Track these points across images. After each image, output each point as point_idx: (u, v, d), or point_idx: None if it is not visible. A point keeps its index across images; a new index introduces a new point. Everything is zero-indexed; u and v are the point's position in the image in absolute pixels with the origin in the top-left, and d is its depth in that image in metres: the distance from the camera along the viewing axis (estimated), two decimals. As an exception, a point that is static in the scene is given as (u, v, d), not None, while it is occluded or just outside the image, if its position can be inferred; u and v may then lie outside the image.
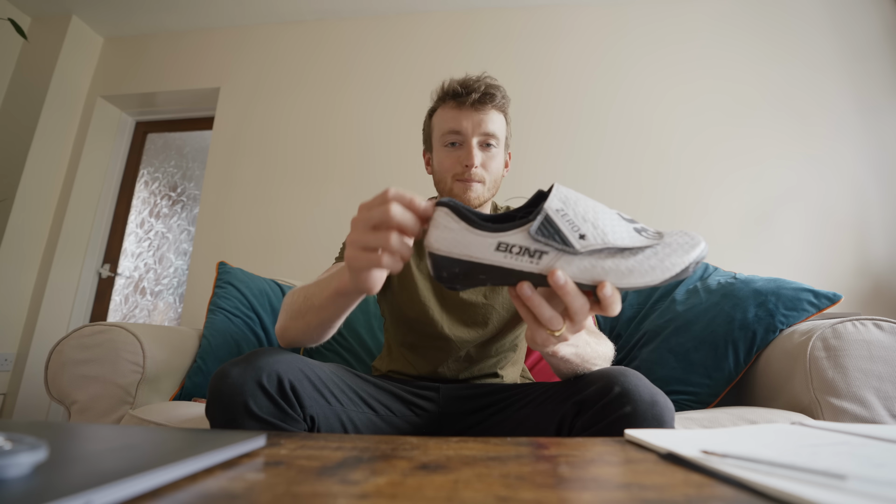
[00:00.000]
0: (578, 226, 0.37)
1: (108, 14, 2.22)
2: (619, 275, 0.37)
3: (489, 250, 0.38)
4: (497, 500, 0.23)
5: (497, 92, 0.78)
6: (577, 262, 0.37)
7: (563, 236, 0.37)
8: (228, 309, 1.31)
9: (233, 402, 0.51)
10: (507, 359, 0.83)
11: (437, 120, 0.81)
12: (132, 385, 0.99)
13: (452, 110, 0.78)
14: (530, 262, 0.38)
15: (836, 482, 0.22)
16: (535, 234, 0.37)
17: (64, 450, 0.28)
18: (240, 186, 2.04)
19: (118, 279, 2.24)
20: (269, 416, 0.52)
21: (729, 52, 1.90)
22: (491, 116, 0.77)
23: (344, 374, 0.66)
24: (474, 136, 0.77)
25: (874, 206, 1.66)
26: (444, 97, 0.80)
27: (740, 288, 1.06)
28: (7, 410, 1.88)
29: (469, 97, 0.76)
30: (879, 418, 0.79)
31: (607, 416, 0.50)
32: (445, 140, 0.78)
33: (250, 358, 0.54)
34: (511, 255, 0.38)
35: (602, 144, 1.88)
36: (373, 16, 2.17)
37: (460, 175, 0.77)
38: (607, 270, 0.37)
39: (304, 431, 0.55)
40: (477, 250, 0.38)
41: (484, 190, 0.78)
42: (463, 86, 0.77)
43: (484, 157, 0.77)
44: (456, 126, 0.77)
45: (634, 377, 0.52)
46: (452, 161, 0.78)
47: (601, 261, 0.37)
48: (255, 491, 0.24)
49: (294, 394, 0.53)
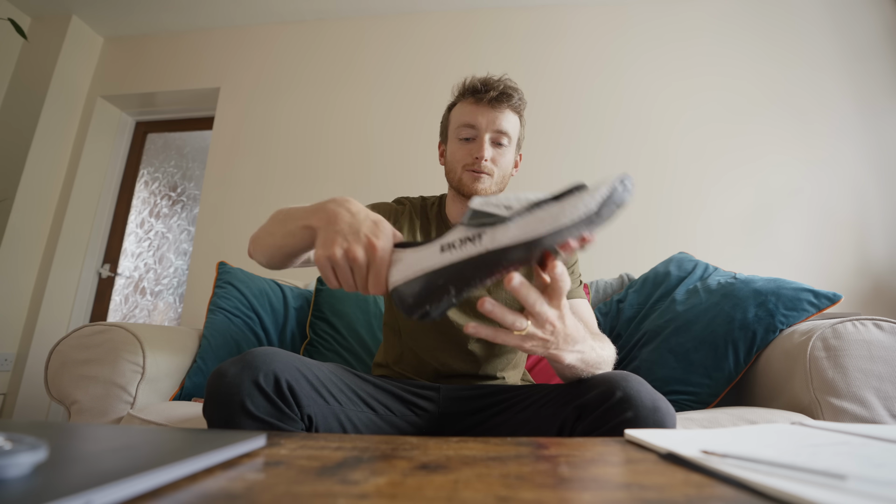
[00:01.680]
0: (502, 203, 0.42)
1: (109, 14, 2.22)
2: (553, 217, 0.39)
3: (436, 255, 0.43)
4: (497, 500, 0.23)
5: (515, 93, 0.81)
6: (512, 227, 0.40)
7: (491, 214, 0.42)
8: (228, 309, 1.31)
9: (230, 401, 0.51)
10: (510, 360, 0.83)
11: (455, 114, 0.85)
12: (132, 385, 0.99)
13: (470, 105, 0.82)
14: (472, 245, 0.42)
15: (837, 482, 0.22)
16: (467, 223, 0.42)
17: (64, 450, 0.28)
18: (240, 186, 2.04)
19: (118, 279, 2.24)
20: (267, 416, 0.52)
21: (729, 51, 1.90)
22: (506, 115, 0.81)
23: (343, 373, 0.66)
24: (487, 132, 0.80)
25: (874, 205, 1.66)
26: (464, 93, 0.83)
27: (740, 288, 1.06)
28: (7, 410, 1.88)
29: (487, 94, 0.79)
30: (879, 418, 0.79)
31: (608, 420, 0.50)
32: (460, 133, 0.82)
33: (247, 358, 0.54)
34: (455, 249, 0.42)
35: (602, 143, 1.88)
36: (373, 15, 2.17)
37: (470, 166, 0.80)
38: (542, 218, 0.40)
39: (302, 431, 0.55)
40: (427, 261, 0.43)
41: (491, 183, 0.81)
42: (483, 83, 0.81)
43: (495, 153, 0.81)
44: (471, 120, 0.81)
45: (636, 382, 0.51)
46: (464, 153, 0.81)
47: (532, 213, 0.40)
48: (255, 491, 0.24)
49: (291, 393, 0.53)
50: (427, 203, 0.92)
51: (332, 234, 0.48)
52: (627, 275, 1.43)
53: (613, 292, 1.39)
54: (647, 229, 1.75)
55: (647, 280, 1.31)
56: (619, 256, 1.71)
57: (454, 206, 0.87)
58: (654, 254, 1.53)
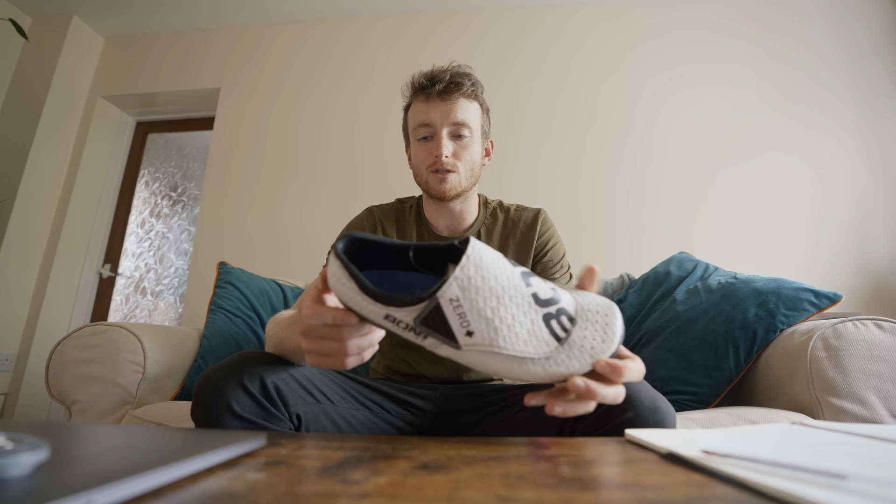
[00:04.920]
0: (469, 321, 0.34)
1: (109, 14, 2.22)
2: (505, 373, 0.36)
3: (379, 317, 0.37)
4: (497, 499, 0.23)
5: (465, 80, 0.77)
6: (460, 355, 0.35)
7: (449, 329, 0.35)
8: (229, 309, 1.31)
9: (216, 402, 0.51)
10: None
11: (410, 115, 0.82)
12: (133, 385, 1.00)
13: (421, 103, 0.78)
14: (416, 338, 0.36)
15: (837, 482, 0.22)
16: (419, 323, 0.35)
17: (65, 450, 0.28)
18: (240, 186, 2.04)
19: (119, 279, 2.24)
20: (252, 416, 0.52)
21: (731, 51, 1.90)
22: (460, 105, 0.77)
23: (335, 374, 0.65)
24: (444, 127, 0.76)
25: (875, 206, 1.66)
26: (414, 91, 0.80)
27: (741, 288, 1.05)
28: (8, 410, 1.88)
29: (434, 88, 0.76)
30: (880, 418, 0.79)
31: (608, 421, 0.50)
32: (418, 134, 0.79)
33: (233, 360, 0.54)
34: (398, 327, 0.36)
35: (603, 144, 1.88)
36: (373, 16, 2.18)
37: (433, 166, 0.77)
38: (490, 370, 0.36)
39: (290, 431, 0.55)
40: (369, 313, 0.37)
41: (459, 180, 0.78)
42: (429, 77, 0.77)
43: (455, 146, 0.77)
44: (425, 118, 0.77)
45: (636, 382, 0.51)
46: (425, 154, 0.78)
47: (485, 357, 0.35)
48: (255, 491, 0.24)
49: (278, 393, 0.53)
50: (405, 206, 0.89)
51: (309, 347, 0.43)
52: (628, 275, 1.43)
53: (614, 292, 1.39)
54: (648, 229, 1.75)
55: (647, 280, 1.31)
56: (619, 256, 1.71)
57: (430, 207, 0.85)
58: (654, 254, 1.53)
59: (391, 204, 0.90)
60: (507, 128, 1.92)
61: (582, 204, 1.81)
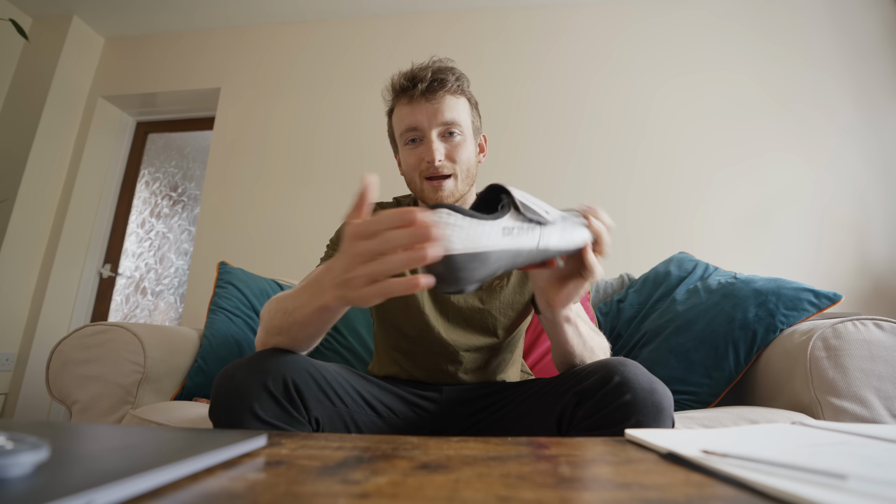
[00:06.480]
0: (536, 208, 0.46)
1: (109, 14, 2.22)
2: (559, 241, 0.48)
3: (498, 236, 0.41)
4: (497, 499, 0.23)
5: (448, 75, 0.72)
6: (556, 233, 0.47)
7: (537, 213, 0.45)
8: (229, 309, 1.32)
9: (239, 405, 0.51)
10: (507, 361, 0.82)
11: (395, 119, 0.76)
12: (133, 385, 0.99)
13: (405, 106, 0.73)
14: (528, 238, 0.44)
15: (837, 482, 0.22)
16: (521, 216, 0.44)
17: (65, 449, 0.28)
18: (240, 186, 2.04)
19: (119, 279, 2.24)
20: (275, 420, 0.52)
21: (731, 51, 1.90)
22: (446, 103, 0.71)
23: (348, 374, 0.65)
24: (433, 129, 0.71)
25: (874, 205, 1.66)
26: (395, 94, 0.75)
27: (740, 288, 1.05)
28: (8, 410, 1.88)
29: (417, 88, 0.71)
30: (880, 418, 0.79)
31: (608, 404, 0.51)
32: (405, 138, 0.74)
33: (255, 360, 0.54)
34: (513, 236, 0.42)
35: (603, 144, 1.88)
36: (373, 16, 2.17)
37: (426, 173, 0.71)
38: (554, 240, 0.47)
39: None
40: (489, 239, 0.40)
41: (456, 185, 0.72)
42: (409, 78, 0.72)
43: (448, 147, 0.72)
44: (411, 122, 0.72)
45: (633, 366, 0.53)
46: (416, 159, 0.72)
47: (552, 231, 0.47)
48: (255, 490, 0.24)
49: (299, 396, 0.53)
50: (402, 205, 0.87)
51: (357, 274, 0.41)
52: (627, 275, 1.43)
53: (614, 292, 1.39)
54: (648, 229, 1.75)
55: (647, 280, 1.31)
56: (620, 256, 1.71)
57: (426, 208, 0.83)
58: (654, 254, 1.53)
59: (389, 203, 0.89)
60: (507, 128, 1.92)
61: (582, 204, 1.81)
